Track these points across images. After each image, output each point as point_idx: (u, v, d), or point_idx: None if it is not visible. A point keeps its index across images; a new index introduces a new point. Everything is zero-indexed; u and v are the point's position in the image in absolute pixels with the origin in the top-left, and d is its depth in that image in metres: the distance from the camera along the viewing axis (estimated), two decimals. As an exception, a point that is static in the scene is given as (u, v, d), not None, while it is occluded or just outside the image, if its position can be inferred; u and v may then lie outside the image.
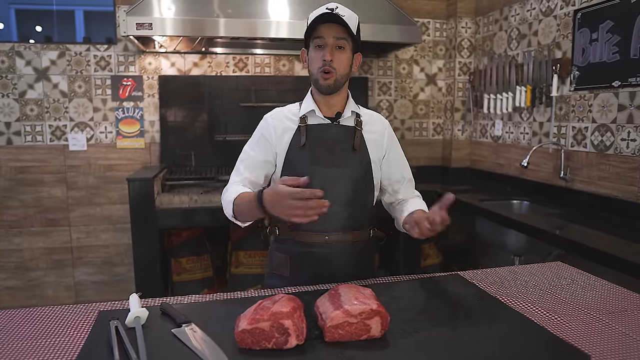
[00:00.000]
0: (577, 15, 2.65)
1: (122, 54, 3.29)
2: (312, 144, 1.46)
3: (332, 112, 1.51)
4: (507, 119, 3.35)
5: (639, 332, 1.09)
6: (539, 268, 1.56)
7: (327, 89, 1.44)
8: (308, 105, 1.50)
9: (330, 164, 1.46)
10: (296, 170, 1.45)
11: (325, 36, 1.40)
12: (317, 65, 1.43)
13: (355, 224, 1.51)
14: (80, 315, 1.19)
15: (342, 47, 1.42)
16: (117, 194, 3.37)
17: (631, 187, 2.34)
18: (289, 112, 1.54)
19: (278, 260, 1.55)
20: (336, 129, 1.49)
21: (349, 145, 1.49)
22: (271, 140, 1.50)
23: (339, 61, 1.41)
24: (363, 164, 1.50)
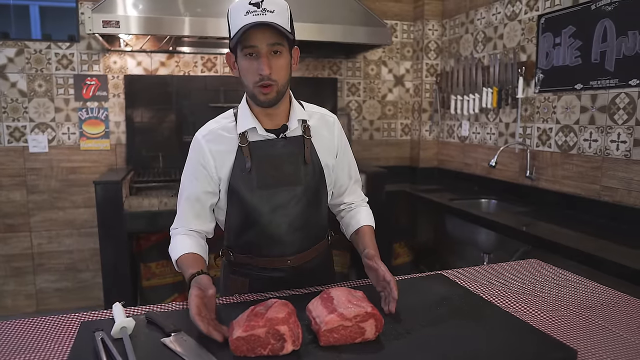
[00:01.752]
0: (541, 20, 2.75)
1: (85, 52, 3.17)
2: (258, 166, 1.30)
3: (276, 124, 1.34)
4: (473, 120, 3.44)
5: (620, 326, 1.14)
6: (516, 265, 1.61)
7: (269, 103, 1.26)
8: (247, 122, 1.30)
9: (282, 184, 1.32)
10: (243, 195, 1.31)
11: (258, 44, 1.20)
12: (252, 79, 1.23)
13: (314, 240, 1.43)
14: (60, 327, 1.14)
15: (279, 51, 1.22)
16: (82, 197, 3.24)
17: (593, 186, 2.45)
18: (224, 129, 1.34)
19: (235, 284, 1.41)
20: (283, 143, 1.33)
21: (299, 159, 1.34)
22: (210, 168, 1.32)
23: (277, 70, 1.23)
24: (316, 176, 1.38)
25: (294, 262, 1.38)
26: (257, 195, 1.31)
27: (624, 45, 2.26)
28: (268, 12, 1.18)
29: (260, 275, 1.39)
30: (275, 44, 1.21)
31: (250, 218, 1.33)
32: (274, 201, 1.33)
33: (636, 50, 2.20)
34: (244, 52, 1.22)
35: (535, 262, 1.66)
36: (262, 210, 1.33)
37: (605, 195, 2.39)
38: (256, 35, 1.19)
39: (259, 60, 1.21)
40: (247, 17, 1.18)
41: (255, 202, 1.32)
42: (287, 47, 1.26)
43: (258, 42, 1.19)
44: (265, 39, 1.20)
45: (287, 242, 1.37)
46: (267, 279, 1.39)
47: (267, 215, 1.33)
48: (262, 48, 1.20)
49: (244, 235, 1.38)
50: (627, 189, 2.27)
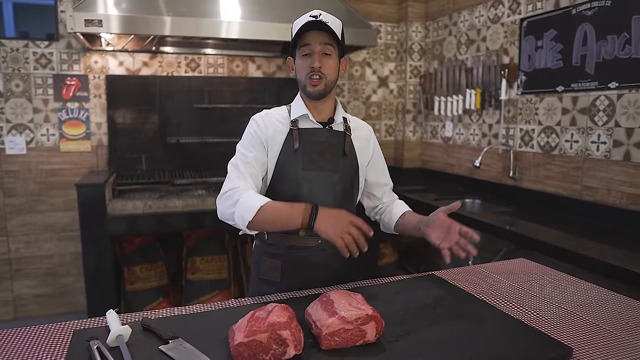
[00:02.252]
0: (523, 23, 2.80)
1: (65, 52, 3.10)
2: (305, 148, 1.46)
3: (323, 117, 1.52)
4: (457, 121, 3.48)
5: (610, 323, 1.17)
6: (506, 265, 1.64)
7: (317, 94, 1.44)
8: (300, 110, 1.49)
9: (323, 168, 1.47)
10: (288, 173, 1.45)
11: (312, 43, 1.41)
12: (305, 73, 1.43)
13: None
14: (51, 337, 1.11)
15: (329, 53, 1.43)
16: (62, 200, 3.16)
17: (575, 185, 2.51)
18: (278, 115, 1.52)
19: (267, 265, 1.51)
20: (328, 133, 1.50)
21: (340, 149, 1.50)
22: (265, 141, 1.47)
23: (327, 67, 1.43)
24: (353, 168, 1.53)
25: (324, 244, 1.46)
26: (300, 175, 1.44)
27: (604, 49, 2.32)
28: (324, 22, 1.39)
29: (291, 255, 1.48)
30: (327, 45, 1.42)
31: (291, 195, 1.45)
32: (313, 182, 1.46)
33: (615, 54, 2.27)
34: (300, 52, 1.44)
35: (524, 262, 1.69)
36: (303, 189, 1.45)
37: (586, 194, 2.45)
38: (312, 36, 1.41)
39: (312, 57, 1.42)
40: (304, 25, 1.40)
41: (298, 180, 1.45)
42: (337, 52, 1.46)
43: (312, 41, 1.41)
44: (318, 39, 1.41)
45: None
46: (299, 259, 1.48)
47: (306, 195, 1.45)
48: (315, 46, 1.41)
49: None
50: (607, 189, 2.33)
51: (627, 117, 2.23)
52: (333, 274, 1.49)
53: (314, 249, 1.48)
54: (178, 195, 2.85)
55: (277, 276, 1.49)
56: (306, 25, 1.39)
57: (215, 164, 3.41)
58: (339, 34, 1.43)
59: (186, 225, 2.85)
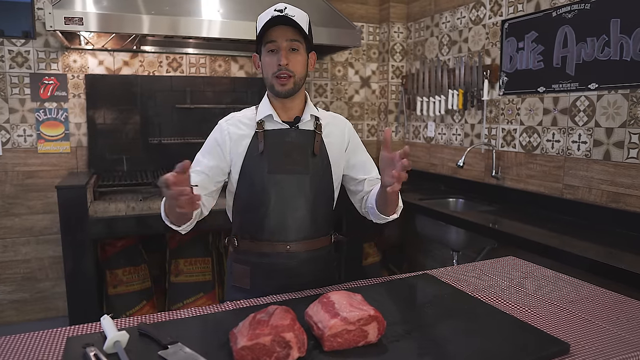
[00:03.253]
0: (505, 25, 2.85)
1: (42, 50, 3.01)
2: (270, 151, 1.42)
3: (290, 117, 1.47)
4: (439, 121, 3.52)
5: (604, 319, 1.20)
6: (496, 263, 1.67)
7: (286, 93, 1.40)
8: (265, 110, 1.45)
9: (290, 171, 1.42)
10: (254, 178, 1.42)
11: (278, 39, 1.36)
12: (271, 71, 1.38)
13: (317, 230, 1.49)
14: (43, 344, 1.07)
15: (296, 49, 1.38)
16: (40, 202, 3.07)
17: (556, 184, 2.57)
18: (244, 117, 1.48)
19: (238, 272, 1.50)
20: (295, 133, 1.45)
21: (308, 149, 1.45)
22: (225, 148, 1.44)
23: (294, 64, 1.38)
24: (323, 169, 1.47)
25: (294, 248, 1.45)
26: (266, 179, 1.41)
27: (584, 51, 2.38)
28: (289, 17, 1.35)
29: (261, 262, 1.46)
30: (293, 41, 1.37)
31: (258, 200, 1.43)
32: (281, 186, 1.42)
33: (595, 56, 2.33)
34: (266, 48, 1.38)
35: (513, 260, 1.72)
36: (270, 193, 1.42)
37: (568, 193, 2.51)
38: (276, 31, 1.35)
39: (279, 54, 1.37)
40: (269, 20, 1.35)
41: (264, 185, 1.42)
42: (305, 47, 1.41)
43: (278, 38, 1.36)
44: (284, 35, 1.36)
45: (290, 228, 1.44)
46: (268, 265, 1.45)
47: (274, 199, 1.42)
48: (281, 42, 1.36)
49: (250, 216, 1.47)
50: (588, 187, 2.40)
51: (606, 117, 2.29)
52: (307, 279, 1.44)
53: (284, 255, 1.44)
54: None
55: (247, 283, 1.47)
56: (271, 21, 1.34)
57: (199, 165, 3.36)
58: (305, 28, 1.38)
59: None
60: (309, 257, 1.48)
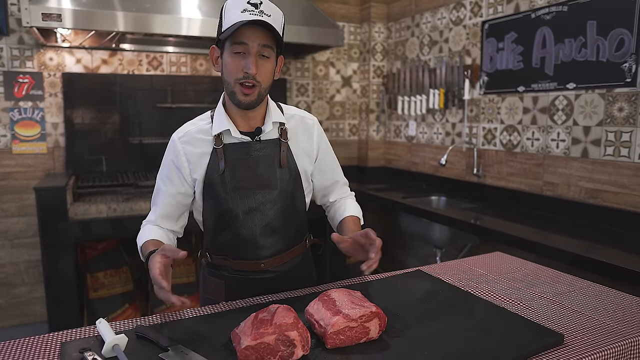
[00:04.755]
0: (485, 26, 2.91)
1: (16, 47, 2.91)
2: (233, 168, 1.30)
3: (251, 126, 1.33)
4: (420, 120, 3.57)
5: (596, 311, 1.23)
6: (484, 259, 1.70)
7: (247, 105, 1.26)
8: (222, 123, 1.30)
9: (256, 188, 1.32)
10: (218, 198, 1.32)
11: (249, 43, 1.21)
12: (235, 76, 1.23)
13: (291, 242, 1.43)
14: (35, 351, 1.04)
15: (267, 55, 1.24)
16: (15, 205, 2.98)
17: (536, 181, 2.64)
18: (199, 131, 1.34)
19: (212, 285, 1.43)
20: (258, 146, 1.32)
21: (274, 162, 1.34)
22: (184, 170, 1.33)
23: (263, 72, 1.24)
24: (292, 179, 1.37)
25: (268, 265, 1.38)
26: (231, 198, 1.31)
27: (562, 51, 2.45)
28: (265, 15, 1.20)
29: (235, 277, 1.40)
30: (266, 46, 1.23)
31: (224, 220, 1.35)
32: (248, 204, 1.33)
33: (572, 56, 2.40)
34: (232, 49, 1.22)
35: (500, 255, 1.75)
36: (236, 212, 1.33)
37: (547, 190, 2.57)
38: (249, 33, 1.20)
39: (247, 59, 1.22)
40: (244, 14, 1.18)
41: (229, 204, 1.33)
42: (275, 52, 1.28)
43: (250, 40, 1.21)
44: (257, 39, 1.21)
45: (261, 246, 1.37)
46: (242, 280, 1.39)
47: (242, 218, 1.34)
48: (252, 47, 1.21)
49: (219, 236, 1.39)
50: (567, 184, 2.47)
51: (584, 116, 2.36)
52: (281, 288, 1.37)
53: (257, 271, 1.38)
54: (143, 198, 2.75)
55: (221, 296, 1.39)
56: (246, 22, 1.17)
57: (180, 165, 3.32)
58: (280, 31, 1.25)
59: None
60: (286, 269, 1.43)
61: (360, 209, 1.54)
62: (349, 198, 1.57)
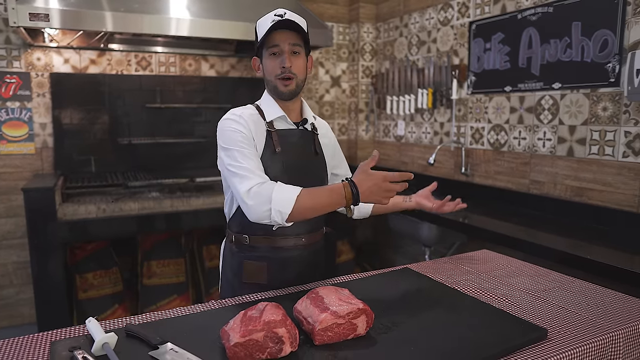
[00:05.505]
0: (472, 26, 2.94)
1: (3, 47, 2.89)
2: (284, 151, 1.45)
3: (293, 118, 1.51)
4: (409, 120, 3.60)
5: (579, 306, 1.27)
6: (471, 256, 1.73)
7: (289, 94, 1.44)
8: (276, 111, 1.47)
9: (300, 171, 1.47)
10: (269, 176, 1.39)
11: (281, 43, 1.40)
12: (274, 73, 1.42)
13: (319, 224, 1.56)
14: (25, 350, 1.04)
15: (298, 52, 1.43)
16: (3, 206, 2.95)
17: (523, 180, 2.67)
18: (250, 116, 1.45)
19: (252, 269, 1.48)
20: (301, 134, 1.51)
21: (312, 150, 1.52)
22: (251, 137, 1.41)
23: (297, 66, 1.42)
24: (322, 167, 1.56)
25: (308, 240, 1.51)
26: (280, 178, 1.39)
27: (547, 52, 2.49)
28: (290, 21, 1.38)
29: (277, 256, 1.48)
30: (295, 45, 1.41)
31: None
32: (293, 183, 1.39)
33: (558, 57, 2.43)
34: (268, 52, 1.42)
35: (486, 252, 1.78)
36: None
37: (534, 188, 2.61)
38: (279, 36, 1.40)
39: (282, 57, 1.41)
40: (273, 21, 1.38)
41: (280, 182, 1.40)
42: (304, 51, 1.46)
43: (280, 42, 1.40)
44: (286, 39, 1.40)
45: (301, 222, 1.44)
46: (285, 259, 1.48)
47: None
48: (284, 46, 1.40)
49: None
50: (553, 182, 2.50)
51: (569, 115, 2.40)
52: (315, 269, 1.53)
53: (298, 247, 1.49)
54: (133, 198, 2.75)
55: (264, 278, 1.47)
56: (275, 25, 1.37)
57: (169, 165, 3.32)
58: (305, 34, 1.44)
59: (143, 229, 2.75)
60: (316, 248, 1.56)
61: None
62: None
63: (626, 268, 1.68)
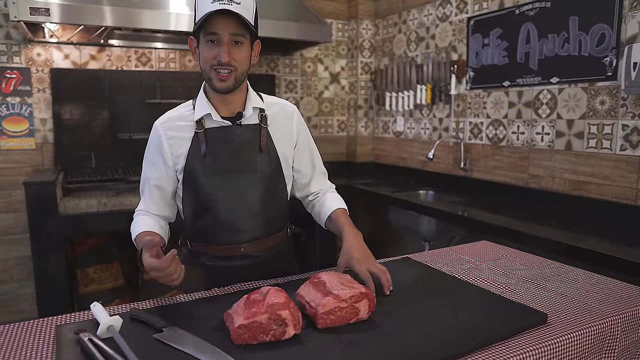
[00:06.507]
0: (470, 22, 2.96)
1: (3, 42, 2.89)
2: (213, 152, 1.34)
3: (232, 111, 1.36)
4: (408, 116, 3.61)
5: (578, 293, 1.28)
6: (471, 247, 1.74)
7: (225, 89, 1.29)
8: (203, 108, 1.34)
9: (236, 171, 1.36)
10: (198, 182, 1.35)
11: (220, 32, 1.23)
12: (210, 63, 1.27)
13: (271, 228, 1.45)
14: (30, 333, 1.06)
15: (240, 42, 1.27)
16: (3, 201, 2.96)
17: (521, 174, 2.69)
18: (181, 118, 1.38)
19: (190, 273, 1.33)
20: (239, 130, 1.36)
21: (254, 146, 1.37)
22: (166, 155, 1.36)
23: (237, 58, 1.27)
24: (272, 165, 1.40)
25: (248, 249, 1.41)
26: (211, 181, 1.34)
27: (545, 47, 2.50)
28: (234, 3, 1.22)
29: (215, 265, 1.42)
30: (237, 34, 1.26)
31: (205, 204, 1.37)
32: (229, 187, 1.36)
33: (556, 51, 2.45)
34: (205, 38, 1.26)
35: (486, 243, 1.80)
36: (217, 195, 1.36)
37: (533, 182, 2.63)
38: (219, 22, 1.23)
39: (220, 48, 1.25)
40: (214, 4, 1.21)
41: (210, 187, 1.36)
42: (249, 39, 1.30)
43: (220, 30, 1.24)
44: (227, 28, 1.24)
45: (242, 229, 1.40)
46: (222, 268, 1.41)
47: (222, 201, 1.37)
48: (223, 36, 1.24)
49: (200, 221, 1.41)
50: (552, 176, 2.52)
51: (567, 109, 2.42)
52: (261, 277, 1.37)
53: (236, 256, 1.41)
54: (133, 192, 2.76)
55: (200, 285, 1.36)
56: (213, 12, 1.20)
57: (170, 161, 3.32)
58: (251, 19, 1.27)
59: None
60: (264, 256, 1.44)
61: (343, 200, 1.55)
62: (330, 191, 1.59)
63: (624, 258, 1.70)
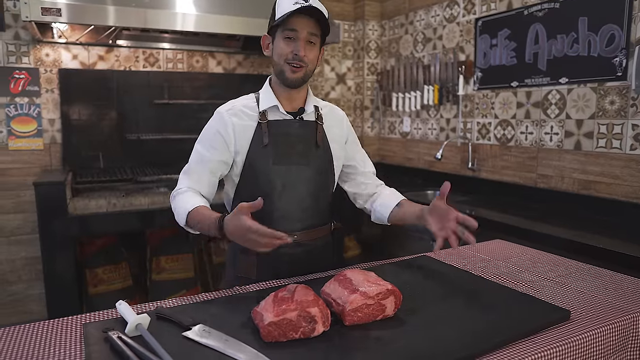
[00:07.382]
0: (478, 23, 2.97)
1: (12, 43, 2.90)
2: (275, 142, 1.41)
3: (294, 107, 1.45)
4: (415, 116, 3.62)
5: (596, 289, 1.29)
6: (486, 245, 1.75)
7: (295, 82, 1.38)
8: (269, 100, 1.43)
9: (294, 162, 1.43)
10: (259, 169, 1.41)
11: (299, 29, 1.34)
12: (285, 57, 1.36)
13: (319, 220, 1.51)
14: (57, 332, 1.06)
15: (313, 42, 1.37)
16: (11, 202, 2.95)
17: (530, 174, 2.70)
18: (245, 107, 1.45)
19: (244, 262, 1.46)
20: (299, 124, 1.45)
21: (312, 141, 1.46)
22: (229, 139, 1.41)
23: (310, 56, 1.37)
24: (326, 160, 1.49)
25: (300, 238, 1.46)
26: (272, 170, 1.41)
27: (554, 47, 2.52)
28: (314, 9, 1.32)
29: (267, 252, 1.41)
30: (312, 34, 1.36)
31: (263, 191, 1.40)
32: (286, 177, 1.43)
33: (565, 52, 2.46)
34: (284, 34, 1.35)
35: (500, 242, 1.80)
36: (275, 184, 1.42)
37: (541, 182, 2.64)
38: (300, 21, 1.33)
39: (297, 43, 1.35)
40: (295, 5, 1.32)
41: (270, 176, 1.42)
42: (320, 42, 1.41)
43: (299, 27, 1.34)
44: (306, 27, 1.34)
45: (295, 218, 1.45)
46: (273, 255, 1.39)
47: (279, 190, 1.42)
48: (301, 33, 1.34)
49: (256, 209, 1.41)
50: (561, 176, 2.53)
51: (576, 109, 2.43)
52: (309, 266, 1.45)
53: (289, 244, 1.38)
54: (143, 193, 2.76)
55: (253, 273, 1.43)
56: (297, 10, 1.30)
57: (177, 161, 3.29)
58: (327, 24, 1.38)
59: (153, 223, 2.76)
60: (312, 246, 1.49)
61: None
62: (384, 188, 1.68)
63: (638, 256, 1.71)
